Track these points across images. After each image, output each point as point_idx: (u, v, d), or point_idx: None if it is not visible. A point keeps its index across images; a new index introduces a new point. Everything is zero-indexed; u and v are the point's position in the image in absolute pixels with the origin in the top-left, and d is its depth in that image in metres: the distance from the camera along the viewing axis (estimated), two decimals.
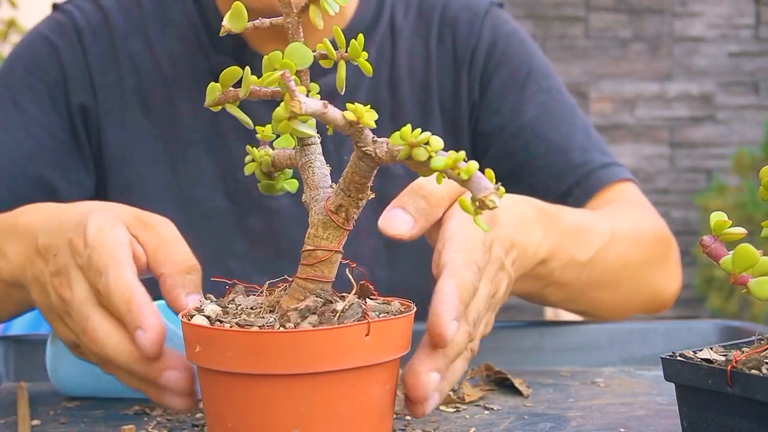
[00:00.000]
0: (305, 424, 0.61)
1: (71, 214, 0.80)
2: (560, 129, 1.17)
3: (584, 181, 1.13)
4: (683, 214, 4.09)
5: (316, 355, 0.60)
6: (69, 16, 1.17)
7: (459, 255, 0.72)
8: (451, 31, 1.20)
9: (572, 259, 0.94)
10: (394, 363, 0.65)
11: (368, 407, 0.63)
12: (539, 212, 0.89)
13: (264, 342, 0.61)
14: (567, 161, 1.15)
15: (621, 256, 1.02)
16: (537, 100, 1.18)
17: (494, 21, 1.21)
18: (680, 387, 0.65)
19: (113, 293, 0.71)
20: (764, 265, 0.61)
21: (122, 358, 0.72)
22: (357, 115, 0.59)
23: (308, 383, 0.61)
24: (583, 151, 1.15)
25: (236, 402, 0.63)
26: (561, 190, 1.14)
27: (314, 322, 0.62)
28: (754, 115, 4.08)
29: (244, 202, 1.16)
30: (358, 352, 0.61)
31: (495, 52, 1.20)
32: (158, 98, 1.16)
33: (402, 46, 1.20)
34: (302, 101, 0.57)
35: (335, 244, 0.64)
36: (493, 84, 1.19)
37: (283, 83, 0.57)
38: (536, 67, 1.21)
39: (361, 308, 0.63)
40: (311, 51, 0.63)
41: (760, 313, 3.52)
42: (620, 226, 1.04)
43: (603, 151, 1.17)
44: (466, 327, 0.72)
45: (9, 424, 0.78)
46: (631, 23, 4.06)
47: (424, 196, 0.75)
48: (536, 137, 1.16)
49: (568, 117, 1.19)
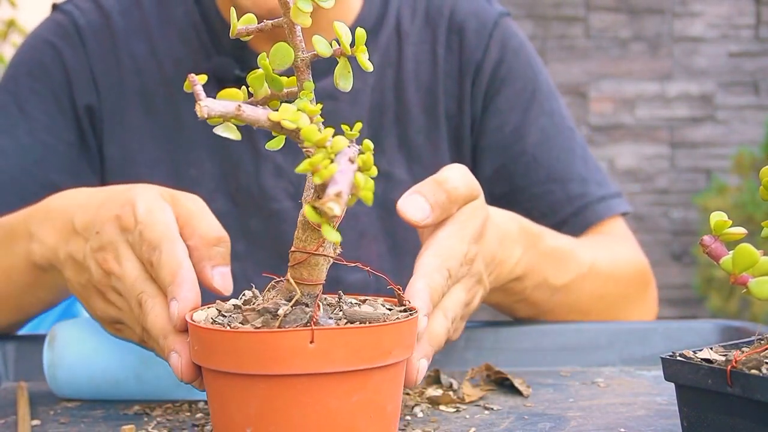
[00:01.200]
0: (257, 425, 0.61)
1: (112, 194, 0.82)
2: (560, 157, 1.19)
3: (581, 213, 1.17)
4: (683, 214, 4.09)
5: (254, 357, 0.60)
6: (69, 16, 1.17)
7: (435, 260, 0.76)
8: (459, 38, 1.20)
9: (545, 281, 0.99)
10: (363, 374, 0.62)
11: (326, 417, 0.61)
12: (523, 231, 0.93)
13: (212, 339, 0.62)
14: (565, 192, 1.17)
15: (598, 287, 1.07)
16: (540, 123, 1.20)
17: (503, 34, 1.21)
18: (680, 387, 0.65)
19: (164, 266, 0.73)
20: (764, 265, 0.61)
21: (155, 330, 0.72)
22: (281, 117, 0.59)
23: (254, 384, 0.61)
24: (581, 181, 1.18)
25: (209, 395, 0.65)
26: (557, 220, 1.16)
27: (258, 324, 0.62)
28: (754, 115, 4.08)
29: (245, 203, 1.16)
30: (302, 359, 0.60)
31: (501, 68, 1.20)
32: (160, 99, 1.16)
33: (408, 50, 1.19)
34: (204, 105, 0.57)
35: (313, 247, 0.63)
36: (497, 101, 1.19)
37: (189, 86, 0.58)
38: (540, 88, 1.21)
39: (306, 314, 0.62)
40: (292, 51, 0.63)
41: (760, 313, 3.52)
42: (601, 259, 1.08)
43: (599, 182, 1.20)
44: (444, 322, 0.77)
45: (9, 424, 0.78)
46: (631, 23, 4.06)
47: (447, 191, 0.78)
48: (537, 164, 1.18)
49: (568, 144, 1.20)
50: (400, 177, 1.17)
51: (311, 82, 0.65)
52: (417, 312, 0.68)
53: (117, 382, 0.83)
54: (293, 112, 0.60)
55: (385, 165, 1.16)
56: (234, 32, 0.64)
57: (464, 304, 0.81)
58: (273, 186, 1.15)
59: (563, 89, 3.98)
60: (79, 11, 1.17)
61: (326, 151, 0.57)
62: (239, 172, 1.15)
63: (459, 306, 0.80)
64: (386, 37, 1.19)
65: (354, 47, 0.64)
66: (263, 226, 1.16)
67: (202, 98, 0.57)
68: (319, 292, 0.64)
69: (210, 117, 0.59)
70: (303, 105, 0.62)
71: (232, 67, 1.13)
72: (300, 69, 0.64)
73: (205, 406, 0.83)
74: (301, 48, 0.64)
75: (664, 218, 4.08)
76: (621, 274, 1.12)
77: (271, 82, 0.65)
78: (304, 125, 0.59)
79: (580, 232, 1.16)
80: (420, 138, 1.18)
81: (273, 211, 1.15)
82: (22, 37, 3.80)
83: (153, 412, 0.81)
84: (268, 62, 0.64)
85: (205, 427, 0.76)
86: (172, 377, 0.82)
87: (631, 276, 1.14)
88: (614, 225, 1.19)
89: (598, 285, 1.07)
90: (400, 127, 1.18)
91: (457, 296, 0.80)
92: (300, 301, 0.63)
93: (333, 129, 0.59)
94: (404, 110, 1.18)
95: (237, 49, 1.15)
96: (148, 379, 0.83)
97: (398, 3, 1.21)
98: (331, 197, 0.54)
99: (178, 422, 0.78)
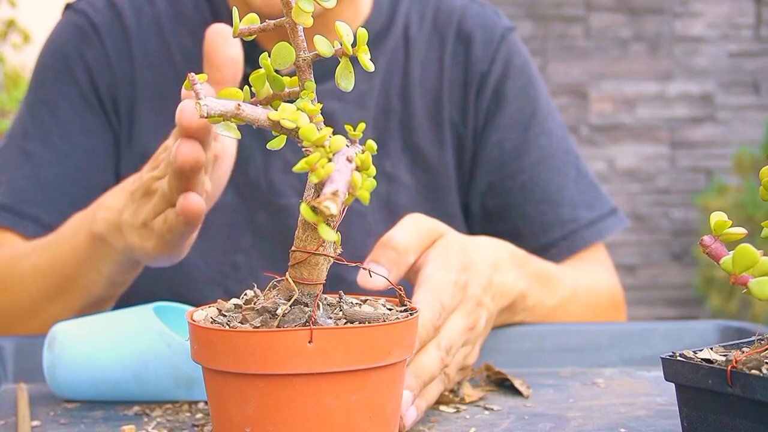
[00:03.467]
0: (255, 424, 0.61)
1: None
2: (555, 179, 1.21)
3: (570, 238, 1.20)
4: (683, 214, 4.09)
5: (253, 357, 0.60)
6: (83, 15, 1.19)
7: (426, 296, 0.79)
8: (465, 48, 1.21)
9: (540, 302, 1.01)
10: (362, 374, 0.62)
11: (324, 417, 0.61)
12: (512, 255, 0.95)
13: (212, 338, 0.62)
14: (557, 214, 1.20)
15: (579, 312, 1.10)
16: (539, 142, 1.21)
17: (509, 49, 1.22)
18: (680, 387, 0.65)
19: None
20: (764, 266, 0.61)
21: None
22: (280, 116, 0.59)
23: (253, 384, 0.61)
24: (573, 206, 1.21)
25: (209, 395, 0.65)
26: (546, 241, 1.19)
27: (257, 323, 0.62)
28: (755, 115, 4.07)
29: (252, 197, 1.17)
30: (300, 359, 0.59)
31: (505, 84, 1.21)
32: (172, 93, 1.17)
33: (416, 57, 1.20)
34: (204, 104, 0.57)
35: (313, 247, 0.63)
36: (499, 117, 1.21)
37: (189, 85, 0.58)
38: (541, 107, 1.23)
39: (305, 314, 0.62)
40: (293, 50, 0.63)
41: (761, 313, 3.52)
42: (581, 285, 1.11)
43: (590, 204, 1.22)
44: (437, 353, 0.77)
45: (9, 425, 0.78)
46: (631, 23, 4.06)
47: (393, 248, 0.82)
48: (533, 183, 1.20)
49: (563, 167, 1.22)
50: (405, 180, 1.18)
51: (312, 82, 0.65)
52: (417, 312, 0.68)
53: (117, 382, 0.83)
54: (293, 111, 0.60)
55: (389, 168, 1.18)
56: (236, 32, 0.64)
57: (466, 329, 0.82)
58: (281, 181, 1.17)
59: (563, 89, 3.98)
60: (93, 9, 1.19)
61: (324, 150, 0.57)
62: (248, 166, 1.17)
63: (457, 333, 0.81)
64: (394, 42, 1.20)
65: (356, 47, 0.64)
66: (270, 221, 1.17)
67: (202, 97, 0.58)
68: (319, 291, 0.64)
69: (210, 116, 0.59)
70: (302, 104, 0.62)
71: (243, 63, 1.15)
72: (301, 69, 0.64)
73: (205, 406, 0.83)
74: (303, 48, 0.64)
75: (664, 218, 4.08)
76: (598, 300, 1.15)
77: (272, 81, 0.65)
78: (302, 124, 0.59)
79: (568, 255, 1.19)
80: (425, 143, 1.20)
81: (280, 206, 1.17)
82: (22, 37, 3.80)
83: (153, 413, 0.81)
84: (270, 62, 0.64)
85: (205, 427, 0.76)
86: (171, 377, 0.83)
87: (605, 301, 1.17)
88: (596, 252, 1.23)
89: (579, 310, 1.10)
90: (406, 131, 1.19)
91: (454, 324, 0.81)
92: (299, 300, 0.63)
93: (332, 128, 0.59)
94: (410, 115, 1.19)
95: (247, 47, 1.15)
96: (148, 379, 0.83)
97: (407, 9, 1.22)
98: (328, 196, 0.53)
99: (178, 422, 0.78)
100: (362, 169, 0.58)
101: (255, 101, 0.65)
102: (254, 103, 0.64)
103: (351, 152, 0.57)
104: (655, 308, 4.05)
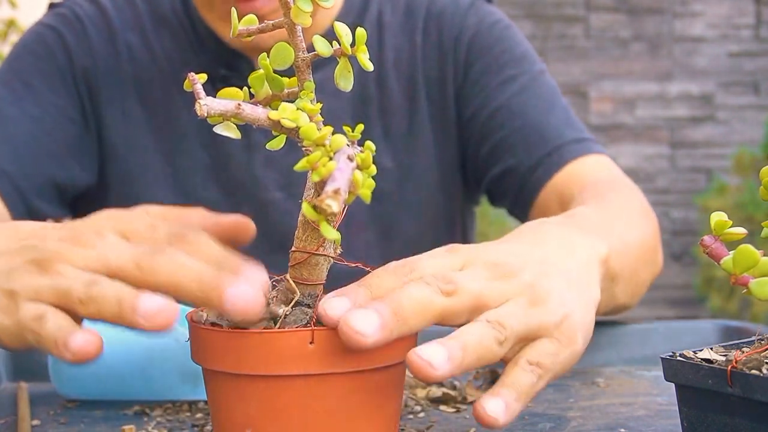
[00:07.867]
0: (256, 425, 0.61)
1: None
2: (538, 106, 1.17)
3: (555, 153, 1.13)
4: (683, 214, 4.09)
5: (254, 358, 0.60)
6: (69, 8, 1.20)
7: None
8: (437, 23, 1.22)
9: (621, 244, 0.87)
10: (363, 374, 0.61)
11: (326, 418, 0.60)
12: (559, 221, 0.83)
13: (212, 339, 0.62)
14: (540, 135, 1.15)
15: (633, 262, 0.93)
16: (518, 81, 1.19)
17: (479, 12, 1.23)
18: (680, 387, 0.65)
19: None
20: (765, 266, 0.61)
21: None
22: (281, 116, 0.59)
23: (253, 385, 0.60)
24: (559, 126, 1.16)
25: (209, 395, 0.65)
26: (531, 162, 1.14)
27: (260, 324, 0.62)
28: (754, 115, 4.08)
29: (235, 193, 1.18)
30: (302, 360, 0.59)
31: (478, 39, 1.21)
32: (155, 89, 1.18)
33: (389, 42, 1.21)
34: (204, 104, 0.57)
35: (314, 247, 0.63)
36: (475, 69, 1.20)
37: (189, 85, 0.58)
38: (519, 53, 1.22)
39: (306, 315, 0.61)
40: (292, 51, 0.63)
41: (761, 313, 3.52)
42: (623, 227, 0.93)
43: (580, 130, 1.17)
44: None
45: (9, 424, 0.78)
46: (631, 23, 4.06)
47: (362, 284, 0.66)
48: (512, 113, 1.17)
49: (548, 96, 1.19)
50: (386, 166, 1.19)
51: (312, 82, 0.65)
52: None
53: (122, 378, 0.83)
54: (293, 110, 0.60)
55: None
56: (235, 32, 0.64)
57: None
58: (263, 176, 1.18)
59: (563, 89, 3.96)
60: (78, 6, 1.20)
61: (325, 149, 0.57)
62: (231, 162, 1.18)
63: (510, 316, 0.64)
64: (368, 30, 1.20)
65: (354, 47, 0.64)
66: (254, 215, 1.17)
67: (202, 97, 0.57)
68: (320, 292, 0.64)
69: (209, 116, 0.59)
70: (302, 104, 0.62)
71: (217, 65, 1.15)
72: (300, 69, 0.64)
73: (205, 406, 0.83)
74: (302, 48, 0.64)
75: (664, 218, 4.08)
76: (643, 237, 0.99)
77: (271, 82, 0.65)
78: (303, 124, 0.59)
79: (555, 170, 1.12)
80: (403, 126, 1.20)
81: (263, 201, 1.17)
82: None
83: (153, 412, 0.81)
84: (269, 62, 0.64)
85: (205, 427, 0.76)
86: (178, 373, 0.82)
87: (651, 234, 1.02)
88: (598, 164, 1.13)
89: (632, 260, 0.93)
90: (384, 117, 1.20)
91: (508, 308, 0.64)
92: (300, 301, 0.63)
93: (332, 127, 0.59)
94: (387, 100, 1.20)
95: (220, 49, 1.17)
96: (154, 375, 0.83)
97: None
98: (329, 194, 0.53)
99: (178, 422, 0.78)
100: (363, 168, 0.58)
101: (254, 101, 0.65)
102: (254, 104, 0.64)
103: (352, 151, 0.57)
104: (655, 308, 4.05)
